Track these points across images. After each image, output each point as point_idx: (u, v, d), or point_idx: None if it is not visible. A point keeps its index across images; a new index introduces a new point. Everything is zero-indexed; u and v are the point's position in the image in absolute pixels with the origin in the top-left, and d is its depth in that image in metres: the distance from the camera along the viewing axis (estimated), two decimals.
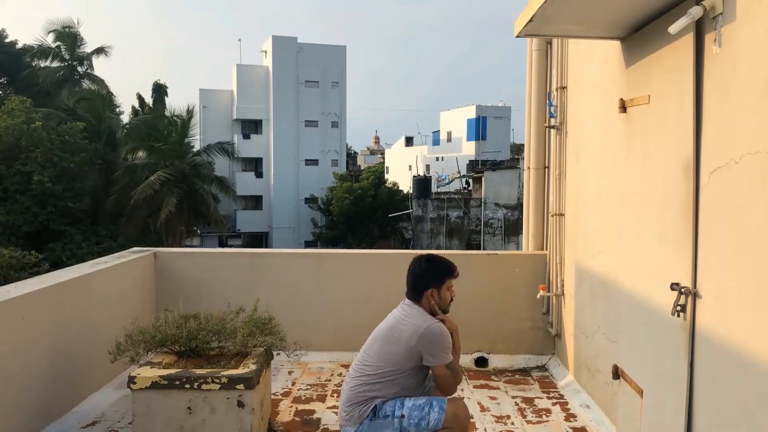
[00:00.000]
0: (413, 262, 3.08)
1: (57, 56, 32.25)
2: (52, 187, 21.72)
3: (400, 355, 2.87)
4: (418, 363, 2.90)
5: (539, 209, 5.40)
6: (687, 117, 2.62)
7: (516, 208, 25.63)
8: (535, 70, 5.26)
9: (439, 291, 3.00)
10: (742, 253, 2.25)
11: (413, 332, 2.86)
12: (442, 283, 3.01)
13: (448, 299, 3.05)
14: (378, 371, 2.90)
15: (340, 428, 3.02)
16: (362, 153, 71.58)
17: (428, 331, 2.86)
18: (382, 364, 2.90)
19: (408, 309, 2.98)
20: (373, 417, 2.87)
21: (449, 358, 2.91)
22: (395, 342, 2.90)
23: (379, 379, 2.89)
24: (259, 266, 5.39)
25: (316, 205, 40.05)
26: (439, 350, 2.87)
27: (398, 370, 2.89)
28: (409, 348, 2.86)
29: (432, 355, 2.86)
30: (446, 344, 2.90)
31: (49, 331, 3.76)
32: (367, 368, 2.93)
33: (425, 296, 2.98)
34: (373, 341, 3.00)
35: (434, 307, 2.99)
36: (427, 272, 3.01)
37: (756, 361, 2.16)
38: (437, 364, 2.88)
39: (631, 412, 3.23)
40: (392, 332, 2.93)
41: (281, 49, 42.82)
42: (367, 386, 2.90)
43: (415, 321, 2.90)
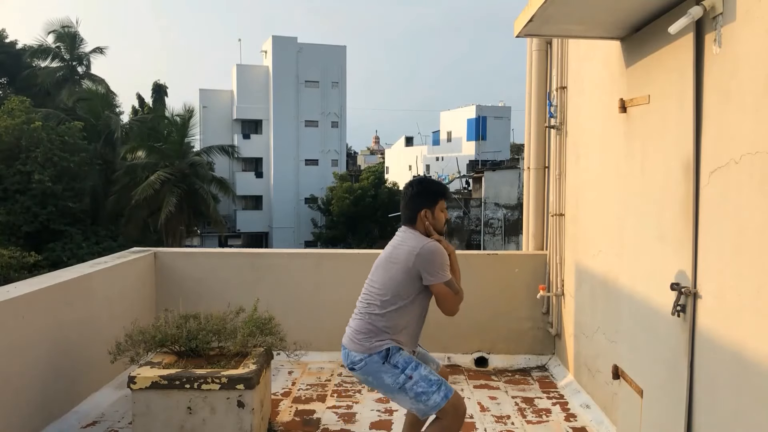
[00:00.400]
0: (405, 186, 3.09)
1: (57, 56, 32.26)
2: (52, 187, 21.73)
3: (400, 278, 2.87)
4: (419, 286, 2.88)
5: (539, 209, 5.40)
6: (687, 117, 2.62)
7: (516, 208, 25.63)
8: (535, 70, 5.26)
9: (432, 212, 3.00)
10: (742, 253, 2.25)
11: (410, 253, 2.86)
12: (435, 204, 3.01)
13: (443, 220, 3.05)
14: (383, 299, 2.89)
15: (343, 347, 2.99)
16: (362, 153, 71.59)
17: (424, 249, 2.85)
18: (385, 291, 2.89)
19: (403, 234, 3.00)
20: (384, 360, 2.85)
21: (447, 275, 2.89)
22: (394, 266, 2.90)
23: (386, 308, 2.88)
24: (259, 266, 5.39)
25: (316, 205, 40.06)
26: (436, 268, 2.86)
27: (401, 295, 2.87)
28: (408, 269, 2.86)
29: (430, 273, 2.85)
30: (443, 261, 2.88)
31: (49, 331, 3.76)
32: (372, 297, 2.93)
33: (419, 218, 2.98)
34: (375, 270, 3.01)
35: (429, 228, 2.98)
36: (419, 194, 3.01)
37: (756, 361, 2.16)
38: (436, 281, 2.86)
39: (631, 412, 3.23)
40: (390, 258, 2.94)
41: (281, 49, 42.83)
42: (376, 316, 2.89)
43: (410, 243, 2.90)
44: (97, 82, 32.07)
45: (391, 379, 2.84)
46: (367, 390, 4.60)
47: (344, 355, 2.99)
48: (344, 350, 2.99)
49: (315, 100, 43.68)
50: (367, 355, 2.87)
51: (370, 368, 2.88)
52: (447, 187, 3.12)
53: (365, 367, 2.88)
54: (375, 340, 2.88)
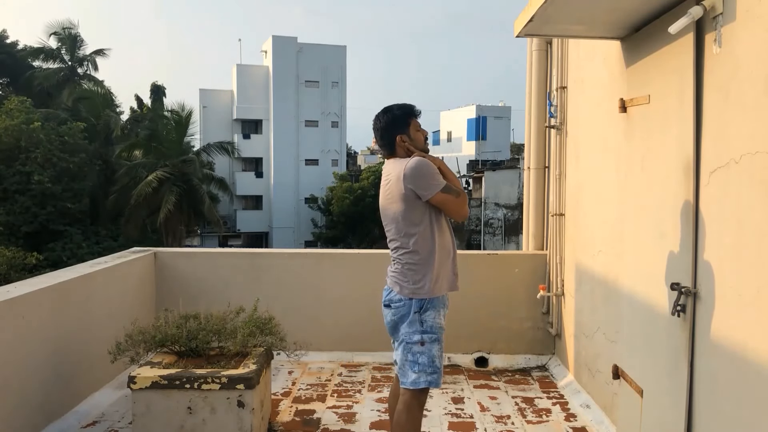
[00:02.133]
0: (374, 120, 3.05)
1: (57, 57, 32.27)
2: (51, 188, 21.72)
3: (404, 208, 2.85)
4: (423, 206, 2.85)
5: (539, 209, 5.40)
6: (687, 117, 2.62)
7: (516, 208, 25.64)
8: (535, 70, 5.26)
9: (408, 134, 2.97)
10: (742, 253, 2.25)
11: (398, 179, 2.85)
12: (408, 125, 2.98)
13: (422, 139, 3.01)
14: (401, 235, 2.89)
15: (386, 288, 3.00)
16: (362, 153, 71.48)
17: (408, 168, 2.82)
18: (399, 227, 2.89)
19: (387, 166, 2.99)
20: (418, 309, 2.86)
21: (441, 182, 2.85)
22: (391, 200, 2.90)
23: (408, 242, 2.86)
24: (259, 266, 5.39)
25: (316, 205, 40.05)
26: (426, 179, 2.83)
27: (414, 222, 2.85)
28: (403, 195, 2.84)
29: (423, 188, 2.82)
30: (430, 171, 2.84)
31: (49, 331, 3.76)
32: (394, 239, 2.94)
33: (397, 145, 2.96)
34: (382, 216, 3.02)
35: (410, 148, 2.95)
36: (389, 122, 2.98)
37: (756, 361, 2.16)
38: (433, 193, 2.83)
39: (631, 412, 3.23)
40: (386, 196, 2.94)
41: (281, 49, 42.82)
42: (406, 254, 2.88)
43: (395, 172, 2.89)
44: (97, 83, 32.09)
45: (409, 329, 2.87)
46: (367, 390, 4.60)
47: (385, 292, 3.00)
48: (386, 288, 3.00)
49: (315, 100, 43.66)
50: (408, 298, 2.88)
51: (403, 311, 2.90)
52: (412, 105, 3.04)
53: (401, 308, 2.90)
54: (417, 281, 2.87)
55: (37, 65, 32.43)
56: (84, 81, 32.44)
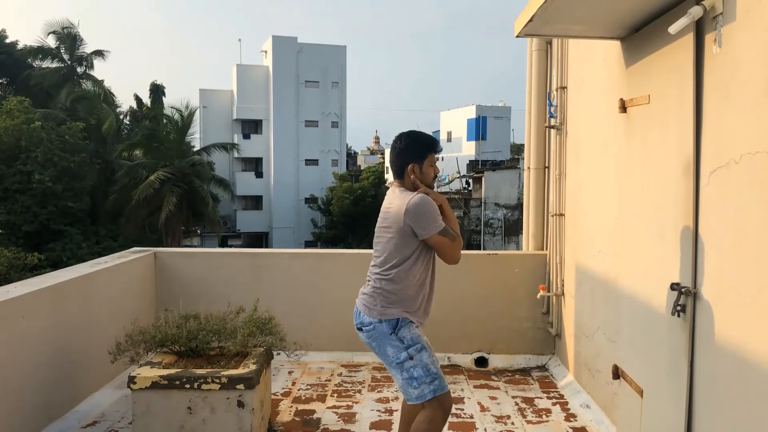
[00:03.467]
0: (395, 139, 3.02)
1: (56, 57, 32.26)
2: (52, 187, 21.74)
3: (397, 239, 2.85)
4: (415, 243, 2.85)
5: (539, 209, 5.40)
6: (687, 117, 2.62)
7: (516, 208, 25.64)
8: (535, 70, 5.26)
9: (420, 166, 2.94)
10: (742, 253, 2.25)
11: (398, 212, 2.84)
12: (424, 158, 2.95)
13: (431, 175, 2.98)
14: (386, 265, 2.88)
15: (355, 309, 3.00)
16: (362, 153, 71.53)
17: (410, 204, 2.81)
18: (387, 255, 2.88)
19: (391, 194, 2.97)
20: (392, 330, 2.85)
21: (440, 224, 2.84)
22: (387, 228, 2.89)
23: (391, 270, 2.86)
24: (259, 266, 5.39)
25: (316, 205, 40.05)
26: (427, 220, 2.82)
27: (403, 255, 2.85)
28: (400, 228, 2.83)
29: (422, 227, 2.82)
30: (431, 212, 2.83)
31: (49, 331, 3.76)
32: (377, 262, 2.93)
33: (406, 173, 2.94)
34: (374, 239, 3.01)
35: (416, 183, 2.93)
36: (408, 147, 2.95)
37: (756, 361, 2.16)
38: (430, 234, 2.83)
39: (631, 412, 3.23)
40: (384, 223, 2.93)
41: (281, 49, 42.83)
42: (384, 280, 2.88)
43: (398, 201, 2.87)
44: (96, 83, 32.08)
45: (393, 351, 2.84)
46: (367, 390, 4.60)
47: (355, 315, 2.99)
48: (356, 311, 2.99)
49: (315, 100, 43.67)
50: (378, 320, 2.86)
51: (377, 334, 2.87)
52: (436, 140, 3.02)
53: (373, 331, 2.88)
54: (386, 306, 2.86)
55: (36, 65, 32.42)
56: (83, 81, 32.43)
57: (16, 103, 22.79)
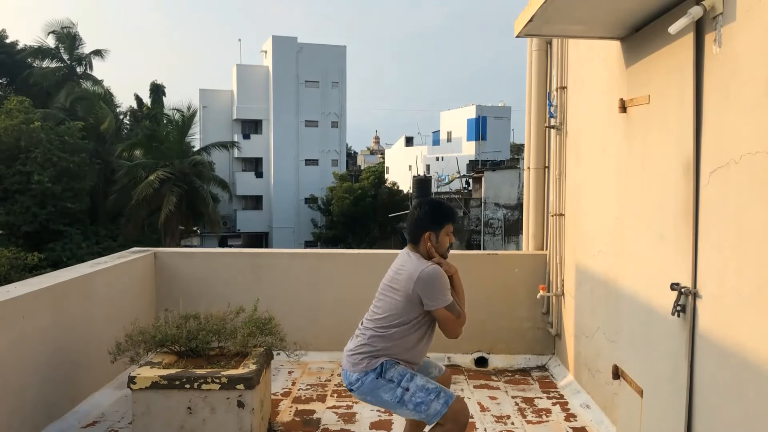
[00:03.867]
0: (414, 206, 3.06)
1: (56, 57, 32.25)
2: (51, 187, 21.72)
3: (402, 303, 2.86)
4: (419, 311, 2.87)
5: (539, 209, 5.40)
6: (687, 117, 2.62)
7: (516, 208, 25.63)
8: (535, 70, 5.26)
9: (437, 235, 2.97)
10: (742, 253, 2.25)
11: (409, 278, 2.85)
12: (441, 227, 2.98)
13: (446, 244, 3.01)
14: (383, 324, 2.89)
15: (342, 369, 3.00)
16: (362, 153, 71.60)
17: (423, 274, 2.83)
18: (386, 315, 2.89)
19: (405, 256, 2.98)
20: (379, 375, 2.85)
21: (448, 299, 2.87)
22: (395, 290, 2.89)
23: (387, 330, 2.88)
24: (259, 266, 5.39)
25: (316, 205, 40.06)
26: (436, 292, 2.84)
27: (404, 320, 2.87)
28: (408, 294, 2.85)
29: (430, 299, 2.84)
30: (442, 286, 2.86)
31: (49, 331, 3.76)
32: (374, 320, 2.93)
33: (422, 240, 2.96)
34: (378, 294, 3.01)
35: (431, 251, 2.96)
36: (426, 216, 2.99)
37: (756, 361, 2.16)
38: (437, 306, 2.85)
39: (631, 412, 3.23)
40: (392, 282, 2.94)
41: (281, 49, 42.82)
42: (375, 338, 2.89)
43: (410, 267, 2.88)
44: (96, 83, 32.07)
45: (388, 394, 2.85)
46: None
47: (344, 376, 3.00)
48: (343, 371, 3.00)
49: (315, 100, 43.67)
50: (363, 374, 2.88)
51: (367, 387, 2.88)
52: (455, 211, 3.06)
53: (362, 386, 2.89)
54: (371, 360, 2.89)
55: (36, 65, 32.40)
56: (83, 81, 32.43)
57: (16, 103, 22.78)
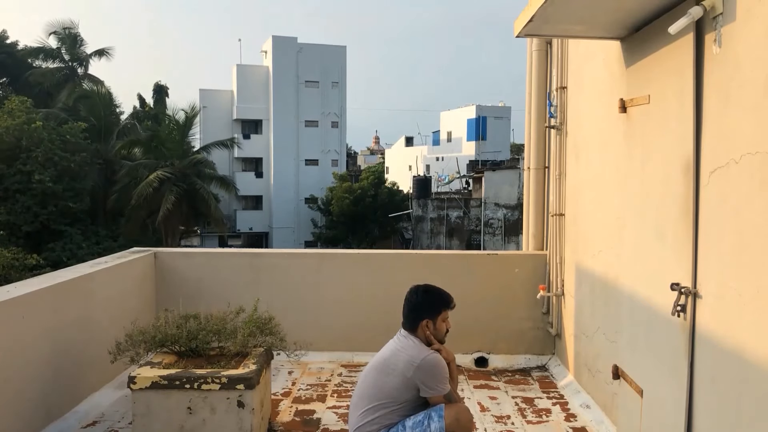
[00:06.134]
0: (410, 292, 3.08)
1: (57, 57, 32.26)
2: (52, 187, 21.70)
3: (396, 386, 2.88)
4: (415, 394, 2.90)
5: (539, 209, 5.40)
6: (687, 117, 2.62)
7: (516, 208, 25.63)
8: (535, 70, 5.26)
9: (434, 322, 3.01)
10: (742, 253, 2.25)
11: (409, 364, 2.87)
12: (438, 314, 3.02)
13: (444, 330, 3.06)
14: (376, 403, 2.91)
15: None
16: (362, 153, 71.62)
17: (424, 362, 2.86)
18: (380, 396, 2.91)
19: (404, 340, 2.99)
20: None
21: (446, 388, 2.91)
22: (391, 374, 2.91)
23: (379, 411, 2.90)
24: (259, 266, 5.39)
25: (316, 206, 40.06)
26: (435, 381, 2.88)
27: (396, 401, 2.89)
28: (405, 379, 2.87)
29: (429, 387, 2.87)
30: (442, 375, 2.90)
31: (49, 331, 3.76)
32: (366, 402, 2.94)
33: (420, 327, 2.99)
34: (369, 371, 3.01)
35: (430, 338, 3.00)
36: (423, 303, 3.02)
37: (756, 361, 2.16)
38: (434, 394, 2.88)
39: (631, 412, 3.23)
40: (388, 364, 2.94)
41: (281, 49, 42.83)
42: (370, 419, 2.91)
43: (410, 352, 2.91)
44: (96, 83, 32.07)
45: None
46: None
47: None
48: None
49: (315, 100, 43.67)
50: None
51: None
52: (451, 297, 3.09)
53: None
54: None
55: (37, 65, 32.41)
56: (84, 81, 32.43)
57: (18, 103, 22.76)
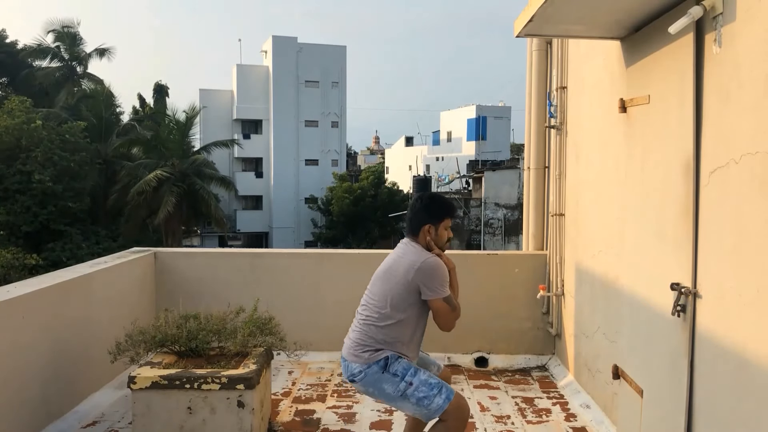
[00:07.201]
0: (415, 198, 3.11)
1: (56, 56, 32.24)
2: (52, 187, 21.70)
3: (399, 291, 2.89)
4: (417, 299, 2.90)
5: (539, 209, 5.40)
6: (687, 117, 2.62)
7: (516, 208, 25.62)
8: (535, 70, 5.26)
9: (436, 228, 3.01)
10: (742, 253, 2.25)
11: (410, 267, 2.88)
12: (440, 221, 3.02)
13: (445, 238, 3.06)
14: (381, 311, 2.91)
15: (342, 359, 3.01)
16: (362, 153, 71.62)
17: (424, 264, 2.87)
18: (383, 304, 2.91)
19: (405, 246, 3.01)
20: (383, 369, 2.87)
21: (446, 291, 2.91)
22: (393, 279, 2.92)
23: (384, 321, 2.90)
24: (259, 266, 5.39)
25: (316, 206, 40.06)
26: (435, 283, 2.88)
27: (399, 308, 2.89)
28: (407, 282, 2.87)
29: (429, 288, 2.87)
30: (442, 277, 2.90)
31: (49, 331, 3.76)
32: (371, 309, 2.95)
33: (422, 232, 3.00)
34: (373, 282, 3.03)
35: (430, 243, 3.00)
36: (426, 209, 3.04)
37: (756, 361, 2.16)
38: (435, 297, 2.88)
39: (631, 412, 3.23)
40: (390, 270, 2.96)
41: (281, 49, 42.83)
42: (375, 328, 2.91)
43: (411, 257, 2.92)
44: (96, 82, 32.07)
45: (391, 387, 2.86)
46: None
47: (344, 368, 3.02)
48: (344, 362, 3.01)
49: (315, 100, 43.67)
50: (366, 365, 2.89)
51: (370, 379, 2.90)
52: (455, 206, 3.10)
53: (365, 378, 2.91)
54: (374, 351, 2.90)
55: (36, 64, 32.40)
56: (83, 80, 32.42)
57: (18, 103, 22.76)
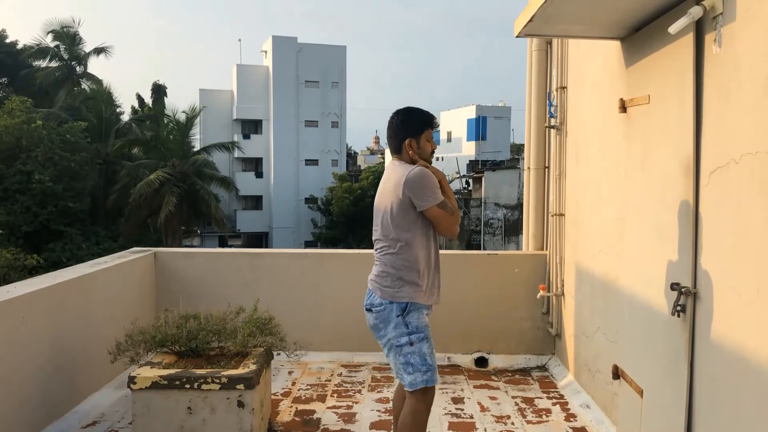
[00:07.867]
0: (392, 115, 3.07)
1: (56, 56, 32.23)
2: (52, 187, 21.69)
3: (396, 211, 2.88)
4: (414, 214, 2.88)
5: (539, 209, 5.40)
6: (687, 117, 2.62)
7: (516, 208, 25.62)
8: (535, 70, 5.26)
9: (417, 141, 2.99)
10: (742, 253, 2.25)
11: (398, 183, 2.88)
12: (421, 133, 3.00)
13: (429, 150, 3.03)
14: (389, 237, 2.91)
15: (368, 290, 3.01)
16: (362, 153, 71.58)
17: (410, 175, 2.85)
18: (388, 229, 2.91)
19: (390, 167, 3.01)
20: (401, 313, 2.88)
21: (439, 196, 2.89)
22: (388, 200, 2.92)
23: (394, 246, 2.90)
24: (259, 266, 5.39)
25: (316, 206, 40.07)
26: (425, 191, 2.86)
27: (402, 227, 2.88)
28: (399, 199, 2.87)
29: (420, 198, 2.86)
30: (431, 184, 2.88)
31: (49, 331, 3.76)
32: (382, 240, 2.95)
33: (404, 148, 2.98)
34: (375, 214, 3.03)
35: (414, 157, 2.98)
36: (404, 123, 3.01)
37: (756, 361, 2.16)
38: (428, 205, 2.87)
39: (631, 412, 3.23)
40: (383, 194, 2.97)
41: (281, 49, 42.84)
42: (390, 256, 2.91)
43: (398, 172, 2.92)
44: (95, 82, 32.05)
45: (395, 332, 2.89)
46: (367, 390, 4.60)
47: (367, 295, 3.02)
48: (368, 292, 3.02)
49: (315, 100, 43.68)
50: (389, 302, 2.90)
51: (385, 315, 2.91)
52: (432, 115, 3.06)
53: (382, 311, 2.92)
54: (397, 287, 2.90)
55: (36, 64, 32.39)
56: (83, 80, 32.41)
57: (18, 103, 22.75)
